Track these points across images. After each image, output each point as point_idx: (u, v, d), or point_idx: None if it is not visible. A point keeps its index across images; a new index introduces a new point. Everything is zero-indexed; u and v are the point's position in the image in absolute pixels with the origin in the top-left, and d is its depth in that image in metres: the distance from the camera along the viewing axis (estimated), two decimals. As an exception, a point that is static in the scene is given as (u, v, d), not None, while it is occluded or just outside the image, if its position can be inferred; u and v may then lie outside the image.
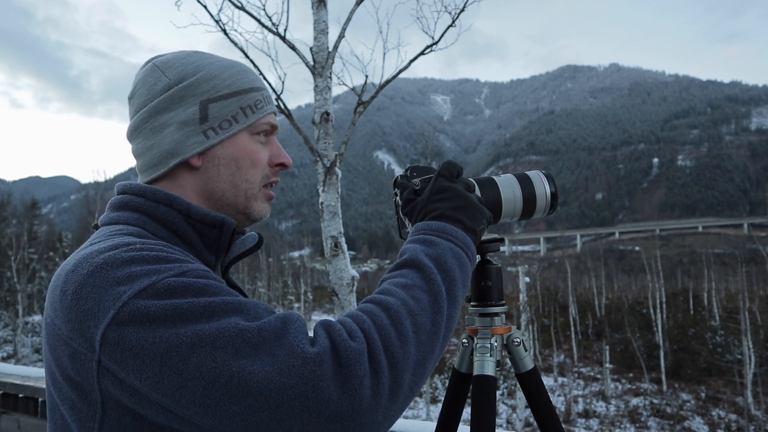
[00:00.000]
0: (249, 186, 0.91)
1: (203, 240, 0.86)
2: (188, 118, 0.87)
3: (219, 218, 0.86)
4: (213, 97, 0.88)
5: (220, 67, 0.91)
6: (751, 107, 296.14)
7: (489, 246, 1.07)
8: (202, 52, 0.94)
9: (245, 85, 0.91)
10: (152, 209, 0.85)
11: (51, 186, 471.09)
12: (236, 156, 0.90)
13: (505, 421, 19.24)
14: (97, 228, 0.89)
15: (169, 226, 0.84)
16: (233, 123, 0.89)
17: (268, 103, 0.93)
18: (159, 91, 0.88)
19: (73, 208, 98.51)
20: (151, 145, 0.89)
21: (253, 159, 0.91)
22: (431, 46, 4.43)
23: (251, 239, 0.98)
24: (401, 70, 4.38)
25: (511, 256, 44.68)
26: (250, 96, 0.91)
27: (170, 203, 0.85)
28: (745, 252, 31.21)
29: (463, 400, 1.14)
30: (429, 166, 1.04)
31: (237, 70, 0.92)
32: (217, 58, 0.93)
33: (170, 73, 0.88)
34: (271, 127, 0.94)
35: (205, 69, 0.89)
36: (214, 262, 0.89)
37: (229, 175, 0.90)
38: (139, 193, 0.86)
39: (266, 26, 4.16)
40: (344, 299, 4.25)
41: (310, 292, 43.98)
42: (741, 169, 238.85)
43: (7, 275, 28.63)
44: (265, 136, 0.94)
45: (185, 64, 0.89)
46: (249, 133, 0.91)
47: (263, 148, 0.93)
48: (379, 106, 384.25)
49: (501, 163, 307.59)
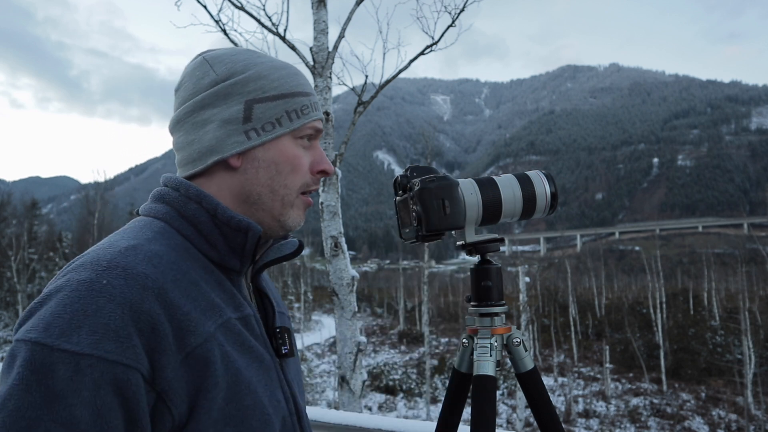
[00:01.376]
0: (287, 192, 0.88)
1: (228, 243, 0.84)
2: (231, 116, 0.86)
3: (245, 223, 0.83)
4: (259, 98, 0.87)
5: (269, 68, 0.89)
6: (751, 107, 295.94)
7: (489, 246, 1.07)
8: (255, 51, 0.92)
9: (293, 89, 0.89)
10: (182, 205, 0.84)
11: (51, 186, 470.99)
12: (277, 160, 0.88)
13: (505, 421, 19.23)
14: (137, 215, 0.88)
15: (195, 224, 0.83)
16: (276, 126, 0.87)
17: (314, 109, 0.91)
18: (205, 86, 0.87)
19: (73, 208, 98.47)
20: (192, 140, 0.87)
21: (294, 164, 0.88)
22: (431, 46, 4.44)
23: (290, 245, 0.95)
24: (401, 70, 4.38)
25: (511, 256, 44.59)
26: (297, 100, 0.89)
27: (200, 201, 0.84)
28: (745, 252, 31.19)
29: (463, 400, 1.14)
30: (429, 166, 1.05)
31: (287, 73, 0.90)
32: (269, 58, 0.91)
33: (219, 68, 0.87)
34: (316, 131, 0.92)
35: (255, 68, 0.88)
36: (238, 267, 0.86)
37: (267, 178, 0.87)
38: (174, 187, 0.86)
39: (266, 26, 4.16)
40: (344, 299, 4.25)
41: (310, 292, 44.01)
42: (741, 169, 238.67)
43: (7, 275, 28.62)
44: (309, 141, 0.91)
45: (235, 60, 0.88)
46: (292, 137, 0.89)
47: (306, 154, 0.90)
48: (379, 106, 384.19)
49: (501, 163, 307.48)
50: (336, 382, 10.31)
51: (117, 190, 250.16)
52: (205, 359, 0.74)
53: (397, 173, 1.05)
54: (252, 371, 0.80)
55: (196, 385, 0.73)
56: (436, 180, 1.00)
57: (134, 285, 0.70)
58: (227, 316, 0.80)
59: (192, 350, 0.73)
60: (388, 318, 48.34)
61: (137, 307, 0.69)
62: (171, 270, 0.76)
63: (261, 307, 0.94)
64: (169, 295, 0.73)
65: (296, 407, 0.89)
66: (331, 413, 2.39)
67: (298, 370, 0.99)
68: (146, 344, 0.69)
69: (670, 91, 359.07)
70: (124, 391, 0.66)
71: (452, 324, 39.79)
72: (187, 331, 0.73)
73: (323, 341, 35.27)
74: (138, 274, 0.71)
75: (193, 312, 0.75)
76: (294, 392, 0.90)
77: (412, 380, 23.36)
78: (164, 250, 0.78)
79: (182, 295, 0.75)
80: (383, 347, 34.21)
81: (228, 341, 0.78)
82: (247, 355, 0.81)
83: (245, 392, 0.78)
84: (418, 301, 36.26)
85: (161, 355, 0.70)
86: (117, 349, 0.66)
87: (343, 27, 4.13)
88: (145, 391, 0.68)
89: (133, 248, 0.75)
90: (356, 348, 4.29)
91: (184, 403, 0.72)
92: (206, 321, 0.76)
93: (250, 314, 0.86)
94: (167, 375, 0.70)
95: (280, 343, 0.90)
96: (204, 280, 0.80)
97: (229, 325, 0.80)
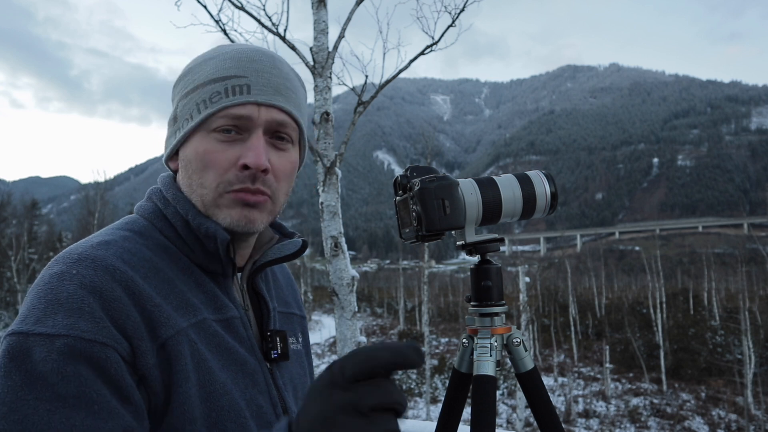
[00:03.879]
0: (204, 191, 0.80)
1: (204, 248, 0.82)
2: (169, 118, 0.87)
3: (212, 230, 0.79)
4: (182, 94, 0.84)
5: (202, 60, 0.84)
6: (751, 107, 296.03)
7: (489, 246, 1.07)
8: (227, 45, 0.86)
9: (208, 77, 0.80)
10: (164, 206, 0.84)
11: (51, 186, 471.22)
12: (189, 158, 0.81)
13: (505, 421, 19.24)
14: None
15: (174, 227, 0.83)
16: (189, 121, 0.81)
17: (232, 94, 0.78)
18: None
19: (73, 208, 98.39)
20: None
21: (205, 161, 0.79)
22: (431, 46, 4.43)
23: (293, 245, 0.92)
24: (401, 70, 4.38)
25: (511, 256, 44.66)
26: (208, 89, 0.80)
27: (176, 204, 0.83)
28: (745, 252, 31.12)
29: (463, 400, 1.14)
30: (429, 166, 1.05)
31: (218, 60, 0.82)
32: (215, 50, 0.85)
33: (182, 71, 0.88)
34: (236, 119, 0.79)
35: (191, 63, 0.86)
36: (220, 270, 0.83)
37: (187, 178, 0.82)
38: (160, 187, 0.86)
39: (266, 26, 4.16)
40: (344, 299, 4.25)
41: (310, 292, 44.01)
42: (741, 169, 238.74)
43: (7, 275, 28.62)
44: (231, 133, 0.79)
45: (191, 59, 0.88)
46: (205, 131, 0.80)
47: (228, 148, 0.79)
48: (379, 106, 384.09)
49: (501, 163, 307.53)
50: (336, 382, 10.25)
51: (117, 190, 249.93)
52: (176, 352, 0.72)
53: (397, 173, 1.04)
54: (227, 373, 0.78)
55: (168, 377, 0.71)
56: (436, 180, 1.00)
57: (103, 275, 0.70)
58: (203, 316, 0.78)
59: (164, 342, 0.72)
60: (388, 318, 48.32)
61: (107, 295, 0.69)
62: (142, 267, 0.75)
63: (258, 309, 0.91)
64: (138, 287, 0.72)
65: (285, 413, 0.86)
66: (331, 413, 2.38)
67: (300, 374, 0.96)
68: (121, 329, 0.68)
69: (670, 91, 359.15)
70: (105, 368, 0.65)
71: (452, 324, 39.79)
72: (158, 322, 0.72)
73: (323, 341, 35.28)
74: (107, 265, 0.71)
75: (164, 306, 0.73)
76: (284, 398, 0.87)
77: (412, 380, 23.36)
78: (138, 248, 0.77)
79: (152, 290, 0.73)
80: (383, 347, 34.16)
81: (201, 340, 0.76)
82: (223, 356, 0.79)
83: (220, 392, 0.75)
84: (418, 301, 36.26)
85: (140, 341, 0.69)
86: (92, 328, 0.66)
87: (343, 27, 4.14)
88: (127, 371, 0.67)
89: (106, 243, 0.75)
90: (356, 348, 4.29)
91: (162, 393, 0.71)
92: (178, 317, 0.75)
93: (235, 316, 0.83)
94: (148, 361, 0.69)
95: (270, 347, 0.87)
96: (180, 281, 0.79)
97: (203, 325, 0.78)
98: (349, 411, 0.50)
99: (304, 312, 1.08)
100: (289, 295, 1.04)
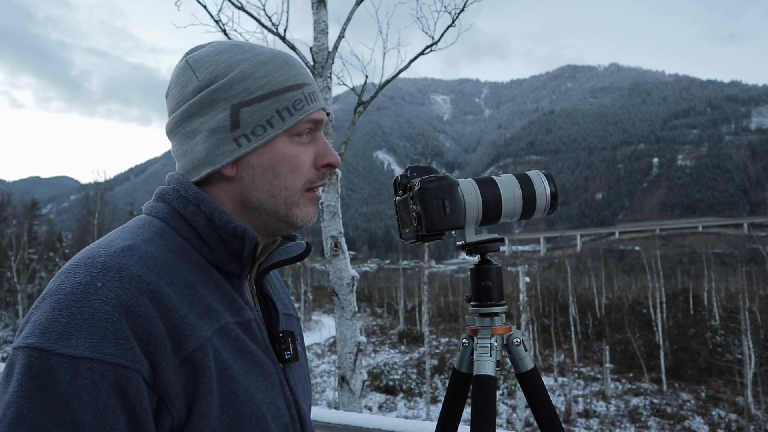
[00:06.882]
0: (288, 194, 0.84)
1: (226, 247, 0.81)
2: (219, 125, 0.81)
3: (241, 229, 0.80)
4: (245, 101, 0.81)
5: (255, 64, 0.83)
6: (751, 107, 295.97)
7: (489, 246, 1.07)
8: (240, 45, 0.86)
9: (282, 84, 0.83)
10: (182, 206, 0.82)
11: (51, 186, 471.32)
12: (272, 164, 0.83)
13: (505, 421, 19.24)
14: (140, 213, 0.87)
15: (194, 226, 0.81)
16: (268, 128, 0.82)
17: (311, 101, 0.85)
18: (190, 94, 0.83)
19: (73, 208, 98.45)
20: (185, 150, 0.85)
21: (293, 165, 0.83)
22: (431, 46, 4.44)
23: (297, 247, 0.92)
24: (401, 70, 4.38)
25: (511, 256, 44.68)
26: (288, 96, 0.83)
27: (198, 203, 0.81)
28: (745, 252, 31.12)
29: (463, 400, 1.14)
30: (429, 166, 1.05)
31: (275, 66, 0.84)
32: (255, 52, 0.85)
33: (201, 73, 0.82)
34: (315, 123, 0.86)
35: (238, 68, 0.82)
36: (238, 271, 0.84)
37: (265, 183, 0.83)
38: (175, 187, 0.84)
39: (266, 26, 4.16)
40: (344, 299, 4.25)
41: (310, 292, 44.02)
42: (741, 169, 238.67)
43: (7, 275, 28.64)
44: (309, 135, 0.86)
45: (218, 62, 0.82)
46: (288, 136, 0.83)
47: (306, 150, 0.85)
48: (379, 106, 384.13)
49: (501, 163, 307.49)
50: (336, 382, 10.32)
51: (117, 190, 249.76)
52: (201, 364, 0.72)
53: (397, 173, 1.04)
54: (251, 378, 0.79)
55: (192, 391, 0.71)
56: (436, 180, 1.00)
57: (130, 288, 0.69)
58: (225, 320, 0.78)
59: (189, 354, 0.72)
60: (388, 318, 48.30)
61: (133, 311, 0.68)
62: (166, 272, 0.74)
63: (265, 311, 0.92)
64: (164, 298, 0.71)
65: (299, 413, 0.87)
66: (331, 413, 2.40)
67: (304, 374, 0.97)
68: (144, 347, 0.68)
69: (670, 91, 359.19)
70: (125, 393, 0.65)
71: (452, 324, 39.78)
72: (183, 335, 0.72)
73: (323, 341, 35.28)
74: (133, 276, 0.70)
75: (190, 316, 0.73)
76: (297, 398, 0.88)
77: (412, 380, 23.36)
78: (160, 252, 0.76)
79: (178, 298, 0.73)
80: (383, 347, 34.20)
81: (225, 346, 0.77)
82: (245, 360, 0.79)
83: (242, 399, 0.76)
84: (418, 301, 36.26)
85: (161, 358, 0.69)
86: (116, 351, 0.65)
87: (343, 27, 4.14)
88: (147, 394, 0.67)
89: (129, 249, 0.73)
90: (356, 348, 4.29)
91: (184, 408, 0.71)
92: (203, 325, 0.74)
93: (251, 318, 0.84)
94: (169, 378, 0.69)
95: (283, 347, 0.88)
96: (201, 283, 0.79)
97: (226, 330, 0.78)
98: None
99: (298, 313, 1.09)
100: (284, 296, 1.05)
